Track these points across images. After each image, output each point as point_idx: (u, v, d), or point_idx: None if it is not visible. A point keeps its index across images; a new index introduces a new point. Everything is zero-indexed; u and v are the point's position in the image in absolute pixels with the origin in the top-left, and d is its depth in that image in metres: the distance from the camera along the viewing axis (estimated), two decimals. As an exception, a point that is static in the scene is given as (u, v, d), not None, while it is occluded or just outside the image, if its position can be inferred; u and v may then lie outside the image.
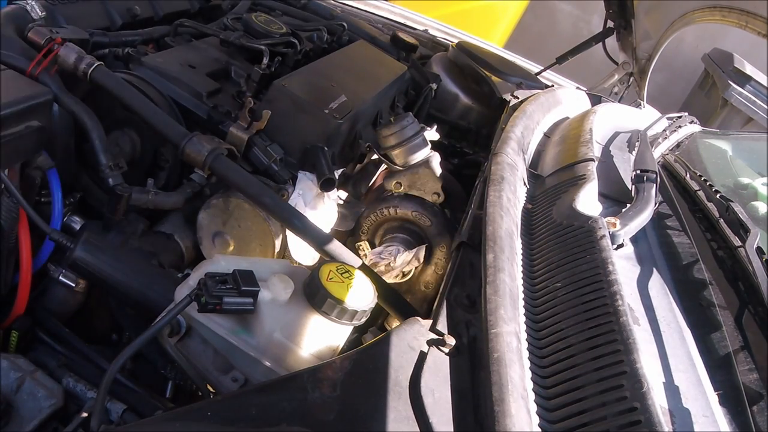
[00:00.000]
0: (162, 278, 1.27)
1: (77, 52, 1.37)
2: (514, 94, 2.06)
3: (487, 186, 1.31)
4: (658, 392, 0.91)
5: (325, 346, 1.09)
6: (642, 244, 1.31)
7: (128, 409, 1.17)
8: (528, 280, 1.09)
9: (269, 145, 1.47)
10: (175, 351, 1.10)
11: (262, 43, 1.70)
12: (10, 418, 1.08)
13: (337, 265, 1.14)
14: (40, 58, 1.34)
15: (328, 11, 2.34)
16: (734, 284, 1.19)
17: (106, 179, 1.35)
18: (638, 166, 1.44)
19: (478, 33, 3.31)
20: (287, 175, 1.47)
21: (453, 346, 0.95)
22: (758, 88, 4.24)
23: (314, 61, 1.81)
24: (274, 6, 2.20)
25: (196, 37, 1.83)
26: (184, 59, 1.62)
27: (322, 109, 1.53)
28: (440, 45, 2.62)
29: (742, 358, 1.01)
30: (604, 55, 2.76)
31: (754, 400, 0.94)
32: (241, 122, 1.46)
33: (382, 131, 1.63)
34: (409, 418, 0.82)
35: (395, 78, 1.97)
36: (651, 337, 1.04)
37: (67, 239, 1.28)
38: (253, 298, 1.05)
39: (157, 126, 1.36)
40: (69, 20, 1.58)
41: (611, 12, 2.56)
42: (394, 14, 2.98)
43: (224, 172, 1.34)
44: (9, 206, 1.25)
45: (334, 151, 1.57)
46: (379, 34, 2.36)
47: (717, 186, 1.44)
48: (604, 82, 2.78)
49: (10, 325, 1.28)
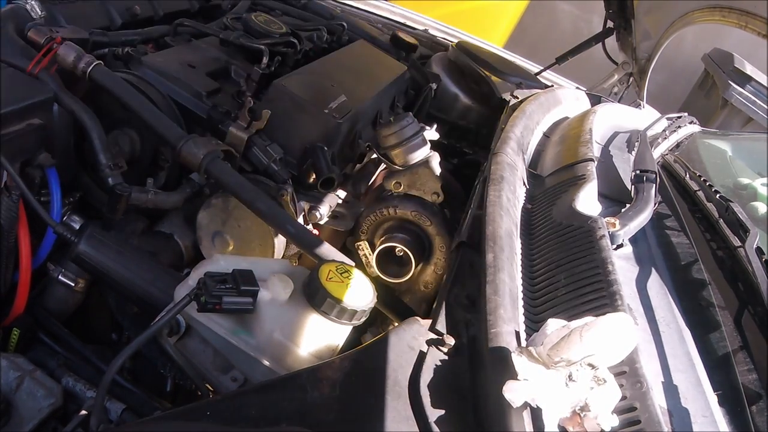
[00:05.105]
0: (165, 274, 1.27)
1: (76, 51, 1.37)
2: (513, 94, 2.05)
3: (486, 186, 1.31)
4: (658, 392, 0.91)
5: (324, 346, 1.09)
6: (641, 245, 1.31)
7: (127, 408, 1.16)
8: (528, 280, 1.09)
9: (269, 144, 1.47)
10: (175, 350, 1.10)
11: (262, 42, 1.69)
12: (9, 417, 1.08)
13: (336, 264, 1.14)
14: (39, 57, 1.34)
15: (328, 11, 2.34)
16: (734, 284, 1.19)
17: (106, 179, 1.35)
18: (638, 166, 1.44)
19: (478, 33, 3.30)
20: (287, 174, 1.47)
21: (452, 345, 0.95)
22: (758, 88, 4.23)
23: (314, 61, 1.81)
24: (274, 6, 2.20)
25: (196, 36, 1.83)
26: (183, 59, 1.62)
27: (322, 108, 1.53)
28: (440, 45, 2.62)
29: (742, 358, 1.02)
30: (603, 55, 2.76)
31: (753, 400, 0.94)
32: (241, 122, 1.46)
33: (382, 131, 1.63)
34: (409, 417, 0.82)
35: (395, 78, 1.97)
36: (650, 337, 1.04)
37: (70, 233, 1.28)
38: (253, 297, 1.05)
39: (154, 126, 1.36)
40: (69, 20, 1.58)
41: (611, 12, 2.56)
42: (394, 14, 2.98)
43: (219, 176, 1.34)
44: (9, 205, 1.25)
45: (334, 150, 1.57)
46: (379, 34, 2.36)
47: (716, 186, 1.44)
48: (604, 82, 2.77)
49: (10, 323, 1.28)
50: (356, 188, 1.77)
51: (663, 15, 2.26)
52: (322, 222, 1.54)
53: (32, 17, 1.47)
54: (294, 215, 1.44)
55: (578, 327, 0.79)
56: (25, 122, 1.25)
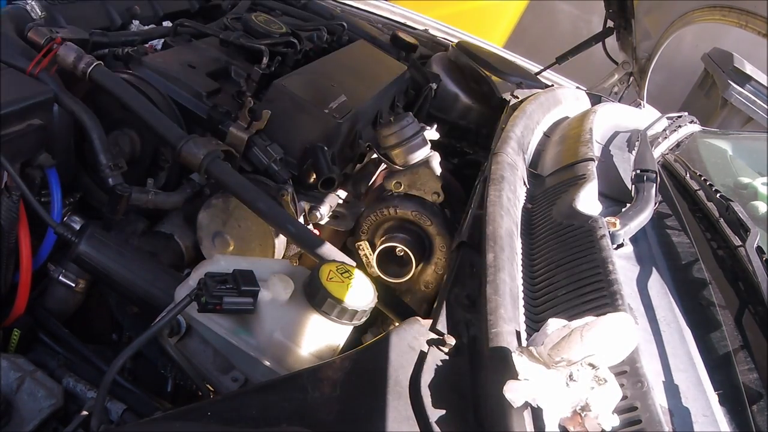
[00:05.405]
0: (166, 275, 1.27)
1: (76, 51, 1.37)
2: (514, 93, 2.05)
3: (487, 185, 1.31)
4: (658, 392, 0.91)
5: (325, 346, 1.09)
6: (642, 244, 1.31)
7: (128, 409, 1.16)
8: (528, 280, 1.09)
9: (269, 144, 1.47)
10: (175, 351, 1.10)
11: (262, 43, 1.69)
12: (10, 417, 1.08)
13: (337, 264, 1.14)
14: (39, 57, 1.34)
15: (328, 11, 2.34)
16: (734, 284, 1.19)
17: (106, 179, 1.35)
18: (638, 165, 1.44)
19: (478, 33, 3.30)
20: (287, 174, 1.47)
21: (453, 345, 0.95)
22: (758, 87, 4.23)
23: (314, 61, 1.81)
24: (274, 6, 2.20)
25: (196, 37, 1.83)
26: (184, 59, 1.61)
27: (322, 108, 1.53)
28: (440, 45, 2.62)
29: (742, 358, 1.01)
30: (604, 55, 2.76)
31: (754, 399, 0.94)
32: (241, 122, 1.46)
33: (382, 131, 1.63)
34: (409, 417, 0.81)
35: (395, 78, 1.97)
36: (651, 337, 1.04)
37: (71, 233, 1.28)
38: (253, 298, 1.05)
39: (154, 127, 1.36)
40: (69, 20, 1.58)
41: (611, 12, 2.56)
42: (394, 14, 2.98)
43: (220, 176, 1.34)
44: (9, 206, 1.25)
45: (334, 150, 1.57)
46: (379, 34, 2.36)
47: (717, 186, 1.44)
48: (604, 82, 2.77)
49: (10, 324, 1.28)
50: (357, 188, 1.77)
51: (663, 15, 2.26)
52: (322, 222, 1.54)
53: (32, 18, 1.47)
54: (294, 215, 1.44)
55: (579, 327, 0.79)
56: (26, 123, 1.25)
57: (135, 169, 1.50)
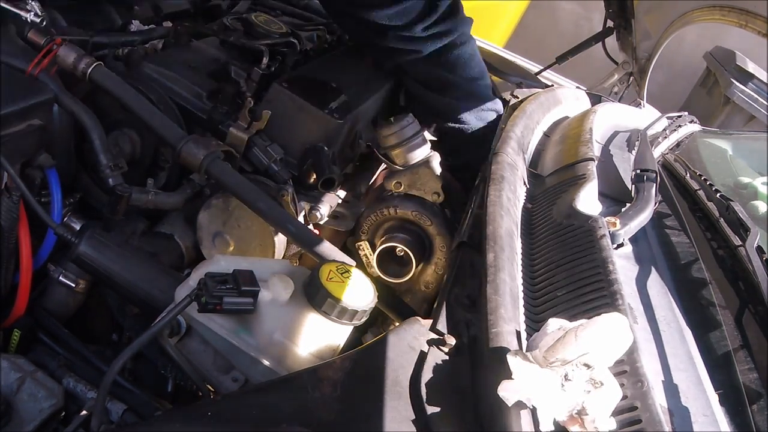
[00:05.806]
0: (166, 275, 1.27)
1: (76, 51, 1.37)
2: (513, 93, 2.05)
3: (487, 185, 1.31)
4: (658, 391, 0.91)
5: (325, 346, 1.09)
6: (642, 244, 1.30)
7: (128, 409, 1.17)
8: (528, 280, 1.09)
9: (269, 145, 1.47)
10: (175, 351, 1.10)
11: (262, 43, 1.69)
12: (10, 418, 1.08)
13: (337, 264, 1.14)
14: (39, 58, 1.34)
15: (328, 11, 2.33)
16: (734, 284, 1.19)
17: (106, 179, 1.35)
18: (638, 165, 1.44)
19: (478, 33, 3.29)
20: (287, 175, 1.47)
21: (453, 345, 0.95)
22: (760, 86, 4.23)
23: (314, 61, 1.81)
24: (274, 6, 2.20)
25: (196, 37, 1.83)
26: (183, 59, 1.62)
27: (322, 109, 1.53)
28: (440, 45, 2.61)
29: (742, 358, 1.01)
30: (604, 55, 2.76)
31: (754, 399, 0.94)
32: (241, 122, 1.46)
33: (382, 131, 1.63)
34: (409, 418, 0.82)
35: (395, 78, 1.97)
36: (651, 337, 1.04)
37: (71, 234, 1.28)
38: (253, 298, 1.05)
39: (154, 127, 1.36)
40: (69, 21, 1.58)
41: (611, 11, 2.56)
42: (394, 14, 2.96)
43: (220, 176, 1.34)
44: (9, 206, 1.25)
45: (334, 151, 1.57)
46: (379, 33, 2.35)
47: (717, 185, 1.44)
48: (604, 82, 2.77)
49: (10, 325, 1.28)
50: (356, 188, 1.77)
51: (663, 14, 2.26)
52: (322, 222, 1.54)
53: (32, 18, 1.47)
54: (295, 215, 1.44)
55: (573, 327, 0.79)
56: (26, 123, 1.25)
57: (135, 169, 1.49)
